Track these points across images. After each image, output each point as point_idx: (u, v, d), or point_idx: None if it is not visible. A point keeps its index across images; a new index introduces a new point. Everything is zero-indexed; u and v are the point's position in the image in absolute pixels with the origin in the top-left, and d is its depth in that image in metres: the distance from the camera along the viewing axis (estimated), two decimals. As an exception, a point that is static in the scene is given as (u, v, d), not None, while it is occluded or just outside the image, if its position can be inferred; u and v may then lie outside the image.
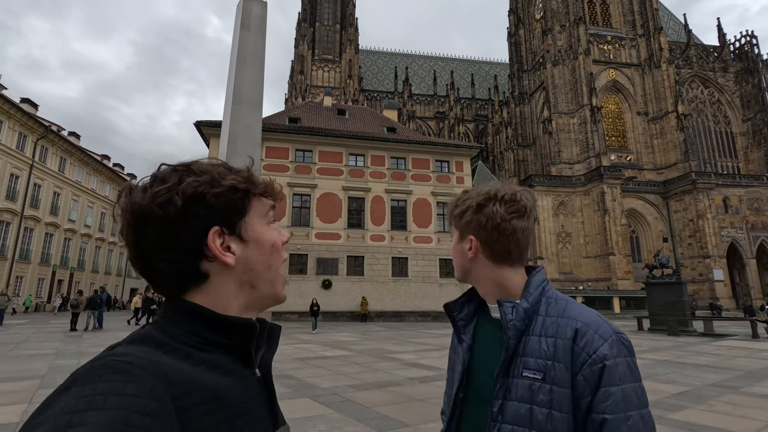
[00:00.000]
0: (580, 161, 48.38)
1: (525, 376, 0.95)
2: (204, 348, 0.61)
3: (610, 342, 0.92)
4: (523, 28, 62.77)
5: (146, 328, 0.62)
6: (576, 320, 0.96)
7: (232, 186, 0.66)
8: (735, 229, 43.31)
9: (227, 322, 0.64)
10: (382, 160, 28.47)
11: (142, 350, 0.55)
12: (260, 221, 0.70)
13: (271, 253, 0.70)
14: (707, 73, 54.76)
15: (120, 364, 0.50)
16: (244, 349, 0.65)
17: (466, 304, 1.15)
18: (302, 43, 64.67)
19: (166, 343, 0.59)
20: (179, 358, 0.57)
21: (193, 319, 0.63)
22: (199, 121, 25.44)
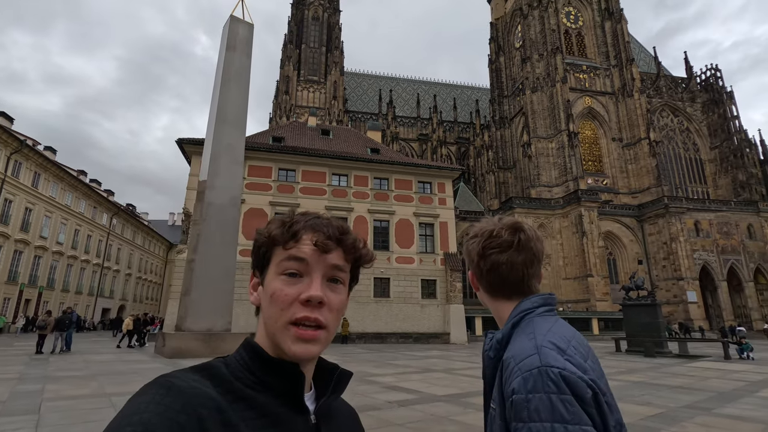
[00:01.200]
0: (559, 184, 49.67)
1: (491, 406, 0.96)
2: (254, 387, 0.65)
3: (524, 376, 0.85)
4: (503, 56, 65.07)
5: (217, 359, 0.68)
6: (514, 347, 0.93)
7: (263, 235, 0.75)
8: (706, 252, 44.76)
9: (274, 363, 0.67)
10: (366, 181, 28.65)
11: (192, 376, 0.62)
12: (273, 269, 0.73)
13: (270, 304, 0.70)
14: (676, 102, 57.55)
15: (165, 381, 0.58)
16: (293, 395, 0.67)
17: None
18: (288, 64, 65.40)
19: (220, 375, 0.64)
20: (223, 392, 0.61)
21: (249, 354, 0.69)
22: (181, 138, 25.29)
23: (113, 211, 47.61)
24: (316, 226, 0.73)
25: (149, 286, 59.88)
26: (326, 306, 0.71)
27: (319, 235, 0.72)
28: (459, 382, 10.52)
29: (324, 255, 0.72)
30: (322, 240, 0.72)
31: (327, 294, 0.71)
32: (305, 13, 69.73)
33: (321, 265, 0.72)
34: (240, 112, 16.97)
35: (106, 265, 46.38)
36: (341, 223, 0.78)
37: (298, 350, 0.68)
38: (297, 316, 0.69)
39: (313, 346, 0.69)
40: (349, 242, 0.76)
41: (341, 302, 0.74)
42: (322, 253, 0.72)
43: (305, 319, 0.69)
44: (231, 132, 16.48)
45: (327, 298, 0.71)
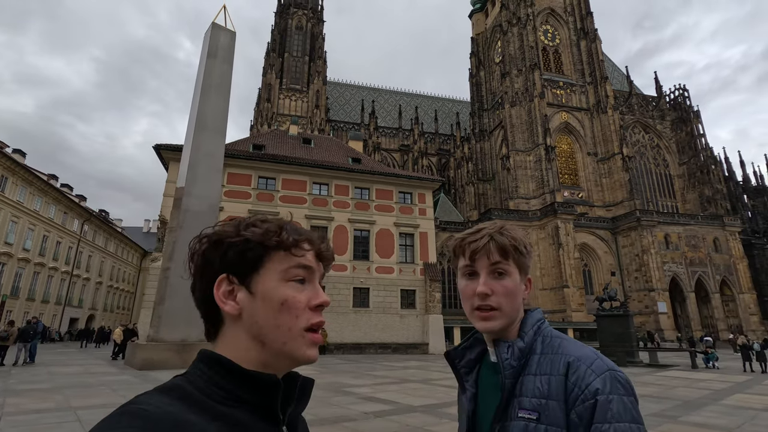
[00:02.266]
0: (536, 197, 50.80)
1: (520, 417, 0.91)
2: (226, 402, 0.61)
3: (603, 377, 0.87)
4: (483, 70, 66.59)
5: (176, 378, 0.64)
6: (569, 354, 0.94)
7: (246, 238, 0.68)
8: (676, 264, 46.37)
9: (248, 377, 0.64)
10: (346, 190, 28.67)
11: (162, 400, 0.57)
12: (275, 275, 0.69)
13: (279, 312, 0.67)
14: (647, 120, 59.92)
15: (138, 411, 0.53)
16: (268, 407, 0.64)
17: (468, 351, 1.11)
18: (270, 72, 65.22)
19: (189, 395, 0.60)
20: (198, 411, 0.57)
21: (214, 368, 0.64)
22: (159, 144, 24.83)
23: (85, 217, 46.07)
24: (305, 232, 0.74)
25: (121, 294, 57.93)
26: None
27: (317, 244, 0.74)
28: (435, 392, 10.56)
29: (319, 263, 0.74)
30: (326, 249, 0.75)
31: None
32: (289, 23, 69.88)
33: (318, 272, 0.74)
34: (220, 119, 16.83)
35: (76, 273, 44.69)
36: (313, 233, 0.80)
37: (312, 355, 0.69)
38: (313, 321, 0.69)
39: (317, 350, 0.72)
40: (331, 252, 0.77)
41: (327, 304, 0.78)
42: (318, 262, 0.74)
43: (319, 324, 0.70)
44: (210, 139, 16.31)
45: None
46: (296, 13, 70.66)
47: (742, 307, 45.80)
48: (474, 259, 1.02)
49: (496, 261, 1.00)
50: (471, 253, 1.03)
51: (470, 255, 1.03)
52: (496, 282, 1.00)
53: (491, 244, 1.01)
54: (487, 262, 1.01)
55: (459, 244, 1.06)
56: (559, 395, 0.89)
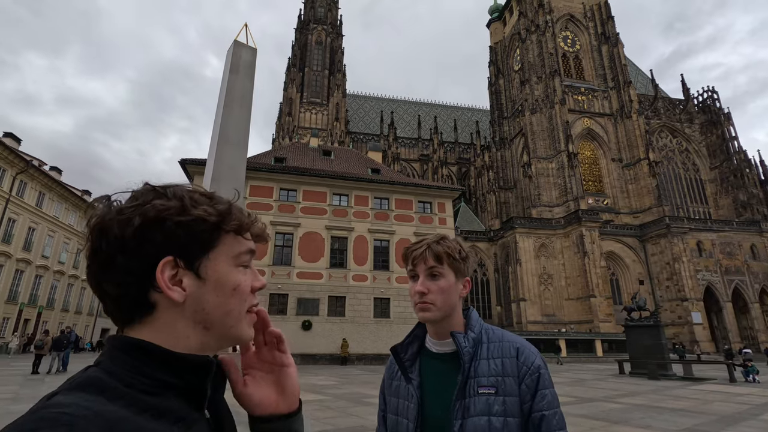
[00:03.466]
0: (559, 204, 49.77)
1: (481, 393, 1.11)
2: (151, 391, 0.55)
3: (539, 357, 1.18)
4: (502, 78, 66.26)
5: (89, 370, 0.55)
6: (515, 341, 1.20)
7: (198, 217, 0.60)
8: (710, 272, 44.41)
9: (179, 360, 0.58)
10: (366, 201, 28.82)
11: (83, 398, 0.49)
12: (227, 261, 0.63)
13: (231, 297, 0.63)
14: (674, 123, 58.18)
15: (60, 416, 0.45)
16: (198, 390, 0.60)
17: (410, 346, 1.28)
18: (291, 87, 66.70)
19: (110, 388, 0.52)
20: (124, 405, 0.51)
21: (139, 358, 0.57)
22: (184, 159, 25.64)
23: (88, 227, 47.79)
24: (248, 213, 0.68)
25: (149, 306, 59.56)
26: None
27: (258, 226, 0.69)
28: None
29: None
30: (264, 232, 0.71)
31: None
32: (309, 38, 71.52)
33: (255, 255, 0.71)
34: (242, 133, 17.27)
35: (107, 284, 46.28)
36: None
37: (252, 333, 0.68)
38: (253, 303, 0.68)
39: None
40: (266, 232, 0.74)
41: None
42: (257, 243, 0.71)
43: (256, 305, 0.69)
44: (233, 153, 16.73)
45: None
46: (316, 28, 72.31)
47: (784, 318, 43.36)
48: (415, 264, 1.23)
49: (432, 265, 1.21)
50: (412, 259, 1.24)
51: (412, 261, 1.24)
52: (431, 282, 1.20)
53: (427, 252, 1.22)
54: (425, 267, 1.22)
55: (405, 252, 1.28)
56: (513, 372, 1.14)
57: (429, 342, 1.27)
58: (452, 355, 1.21)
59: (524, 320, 41.98)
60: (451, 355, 1.21)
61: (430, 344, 1.26)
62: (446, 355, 1.22)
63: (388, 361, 1.36)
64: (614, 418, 8.55)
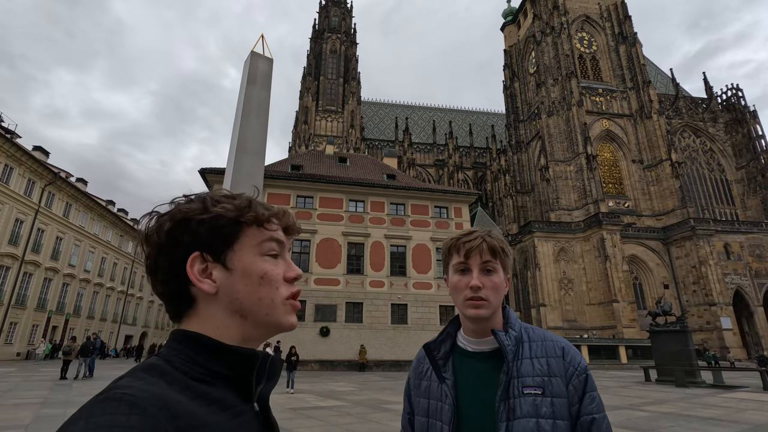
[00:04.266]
0: (579, 208, 48.87)
1: (527, 393, 1.05)
2: (204, 379, 0.61)
3: (583, 358, 1.14)
4: (518, 81, 65.75)
5: (151, 359, 0.63)
6: (559, 341, 1.15)
7: (218, 214, 0.67)
8: (739, 275, 42.86)
9: (227, 351, 0.64)
10: (382, 206, 28.87)
11: (145, 381, 0.56)
12: (251, 251, 0.69)
13: (260, 285, 0.68)
14: (697, 123, 56.63)
15: (123, 396, 0.51)
16: (245, 382, 0.65)
17: (443, 344, 1.21)
18: (307, 95, 67.60)
19: (168, 373, 0.59)
20: (179, 390, 0.57)
21: (192, 347, 0.64)
22: (204, 168, 26.22)
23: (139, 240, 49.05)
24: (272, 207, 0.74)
25: (171, 313, 60.71)
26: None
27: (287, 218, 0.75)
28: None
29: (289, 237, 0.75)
30: (292, 223, 0.75)
31: None
32: (323, 47, 72.50)
33: (288, 246, 0.75)
34: (260, 142, 17.58)
35: (130, 292, 47.46)
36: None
37: (294, 320, 0.71)
38: (293, 291, 0.71)
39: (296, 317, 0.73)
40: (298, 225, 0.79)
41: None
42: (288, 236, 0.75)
43: (296, 294, 0.72)
44: (251, 161, 17.02)
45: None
46: (330, 37, 73.27)
47: (820, 323, 41.43)
48: (468, 256, 1.16)
49: (487, 260, 1.15)
50: (466, 251, 1.16)
51: (465, 253, 1.16)
52: (486, 277, 1.14)
53: (484, 245, 1.15)
54: (480, 260, 1.15)
55: (454, 243, 1.20)
56: (560, 372, 1.08)
57: (463, 340, 1.21)
58: (489, 354, 1.15)
59: (544, 326, 41.14)
60: (488, 354, 1.15)
61: (464, 342, 1.20)
62: (483, 353, 1.16)
63: (415, 360, 1.30)
64: (642, 427, 8.30)
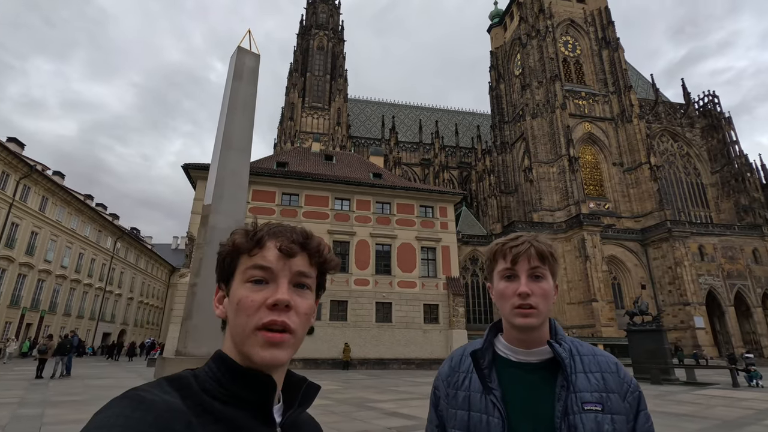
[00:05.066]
0: (561, 208, 49.79)
1: (588, 410, 1.01)
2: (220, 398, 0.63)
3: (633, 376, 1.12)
4: (503, 83, 66.50)
5: (185, 371, 0.67)
6: (610, 356, 1.13)
7: (223, 249, 0.75)
8: (712, 276, 44.31)
9: (243, 373, 0.66)
10: (368, 205, 28.91)
11: (163, 389, 0.61)
12: (239, 278, 0.72)
13: (236, 312, 0.69)
14: (675, 128, 58.25)
15: (135, 395, 0.57)
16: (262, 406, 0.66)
17: (487, 352, 1.15)
18: (293, 92, 67.00)
19: (187, 386, 0.63)
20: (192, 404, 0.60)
21: (218, 365, 0.67)
22: (187, 164, 25.80)
23: (117, 235, 47.98)
24: (279, 231, 0.74)
25: (150, 310, 59.60)
26: (294, 310, 0.69)
27: (282, 240, 0.72)
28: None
29: (289, 260, 0.72)
30: (286, 244, 0.72)
31: (294, 298, 0.70)
32: (310, 43, 71.93)
33: (286, 271, 0.71)
34: (245, 138, 17.39)
35: (108, 289, 46.37)
36: (304, 229, 0.78)
37: (266, 356, 0.66)
38: (264, 320, 0.67)
39: (281, 351, 0.67)
40: (313, 246, 0.75)
41: (309, 307, 0.73)
42: (287, 258, 0.72)
43: (272, 324, 0.67)
44: (236, 158, 16.83)
45: (294, 301, 0.70)
46: (317, 33, 72.73)
47: (787, 322, 43.19)
48: (515, 262, 1.11)
49: (536, 265, 1.10)
50: (513, 256, 1.11)
51: (512, 259, 1.11)
52: (534, 284, 1.09)
53: (532, 250, 1.11)
54: (527, 266, 1.10)
55: (500, 248, 1.15)
56: (618, 388, 1.05)
57: (504, 349, 1.14)
58: (538, 365, 1.09)
59: (526, 325, 41.84)
60: (536, 366, 1.09)
61: (507, 352, 1.13)
62: (530, 365, 1.10)
63: (446, 368, 1.22)
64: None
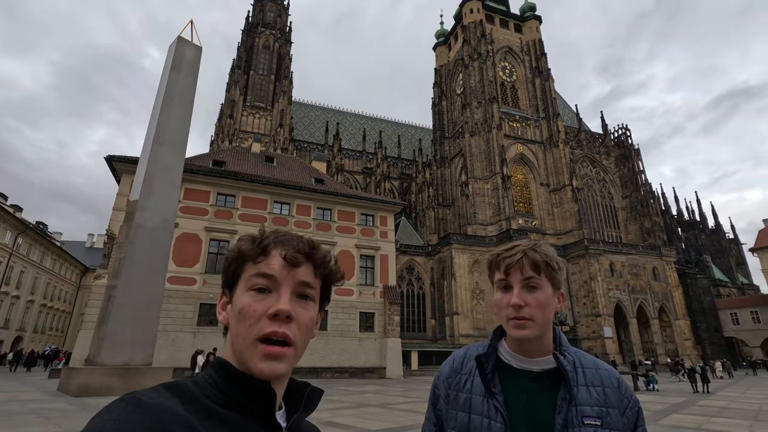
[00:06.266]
0: (493, 223, 52.64)
1: (587, 423, 1.00)
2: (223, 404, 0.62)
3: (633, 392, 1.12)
4: (445, 100, 69.25)
5: (183, 378, 0.66)
6: (612, 370, 1.12)
7: (229, 255, 0.74)
8: (620, 290, 49.12)
9: (245, 380, 0.65)
10: (308, 210, 28.46)
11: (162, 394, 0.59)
12: (242, 285, 0.71)
13: (238, 320, 0.68)
14: (595, 155, 64.31)
15: (132, 399, 0.55)
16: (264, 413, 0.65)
17: (491, 357, 1.14)
18: (234, 89, 64.47)
19: (188, 392, 0.61)
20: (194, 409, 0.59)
21: (218, 372, 0.66)
22: (112, 155, 23.68)
23: (19, 230, 42.58)
24: (285, 240, 0.73)
25: (55, 314, 53.34)
26: (295, 322, 0.68)
27: (288, 249, 0.71)
28: (394, 416, 10.50)
29: (293, 270, 0.71)
30: (291, 254, 0.71)
31: (296, 309, 0.69)
32: (256, 41, 69.86)
33: (290, 280, 0.70)
34: (181, 133, 16.41)
35: (4, 290, 40.87)
36: (311, 239, 0.77)
37: (264, 368, 0.65)
38: (265, 331, 0.66)
39: (280, 363, 0.66)
40: (319, 257, 0.75)
41: (311, 319, 0.72)
42: (291, 268, 0.71)
43: (273, 335, 0.66)
44: (169, 153, 15.83)
45: (296, 313, 0.69)
46: (264, 32, 70.87)
47: (677, 333, 49.01)
48: (508, 273, 1.10)
49: (529, 276, 1.09)
50: (506, 267, 1.10)
51: (505, 269, 1.11)
52: (528, 295, 1.08)
53: (524, 260, 1.09)
54: (521, 277, 1.09)
55: (494, 259, 1.15)
56: (618, 404, 1.05)
57: (507, 355, 1.14)
58: (540, 375, 1.09)
59: (456, 333, 43.43)
60: (539, 375, 1.09)
61: (508, 358, 1.13)
62: (532, 373, 1.10)
63: (446, 368, 1.21)
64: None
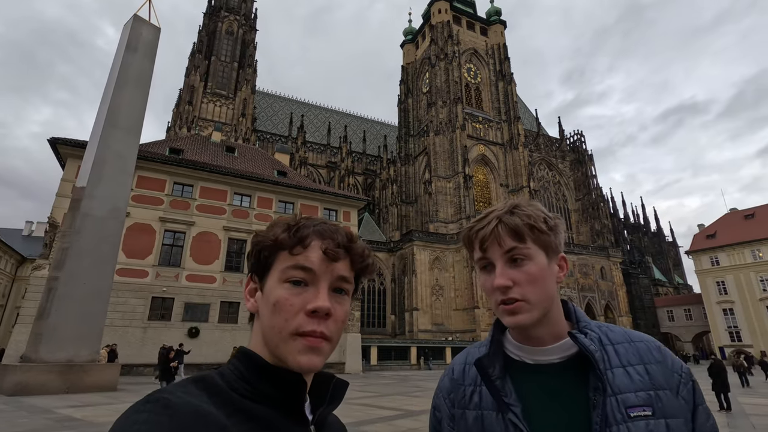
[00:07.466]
0: (454, 221, 53.78)
1: (635, 416, 0.76)
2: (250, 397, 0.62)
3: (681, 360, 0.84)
4: (411, 98, 69.77)
5: (211, 371, 0.65)
6: (651, 340, 0.86)
7: (260, 241, 0.71)
8: (570, 289, 51.72)
9: (274, 372, 0.64)
10: (270, 203, 27.86)
11: (188, 390, 0.58)
12: (276, 276, 0.68)
13: (273, 313, 0.67)
14: (551, 159, 67.12)
15: (160, 398, 0.55)
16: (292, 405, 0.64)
17: (495, 356, 0.90)
18: (194, 74, 61.76)
19: (214, 386, 0.61)
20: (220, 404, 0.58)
21: (245, 363, 0.65)
22: (56, 138, 22.00)
23: None
24: (324, 232, 0.70)
25: (-14, 308, 49.14)
26: (332, 317, 0.67)
27: (328, 243, 0.69)
28: (353, 411, 10.54)
29: (332, 264, 0.69)
30: (332, 248, 0.69)
31: (333, 304, 0.68)
32: (218, 26, 67.23)
33: (328, 275, 0.69)
34: (135, 118, 15.57)
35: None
36: (349, 230, 0.75)
37: (303, 361, 0.64)
38: (304, 329, 0.65)
39: (318, 357, 0.65)
40: (358, 251, 0.73)
41: (345, 313, 0.71)
42: (330, 262, 0.69)
43: (312, 333, 0.65)
44: (122, 138, 14.98)
45: (333, 308, 0.68)
46: (227, 17, 68.32)
47: (620, 329, 52.38)
48: (485, 248, 0.87)
49: (511, 247, 0.85)
50: (480, 241, 0.87)
51: (480, 244, 0.88)
52: (515, 270, 0.84)
53: (500, 228, 0.86)
54: (500, 250, 0.85)
55: (467, 234, 0.91)
56: (667, 382, 0.80)
57: (515, 350, 0.89)
58: (560, 366, 0.85)
59: (416, 329, 44.14)
60: (560, 366, 0.85)
61: (518, 353, 0.89)
62: (552, 366, 0.85)
63: (446, 381, 0.97)
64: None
